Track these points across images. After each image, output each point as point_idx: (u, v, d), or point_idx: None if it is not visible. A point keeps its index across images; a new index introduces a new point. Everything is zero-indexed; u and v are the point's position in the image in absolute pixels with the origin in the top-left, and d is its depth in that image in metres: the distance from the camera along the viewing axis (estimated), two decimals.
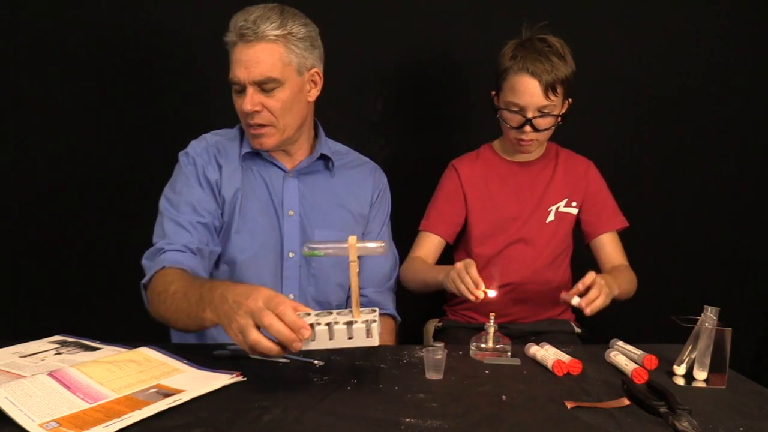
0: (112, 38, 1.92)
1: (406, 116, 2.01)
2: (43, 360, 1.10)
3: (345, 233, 1.43)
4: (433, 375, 1.06)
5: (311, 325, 0.92)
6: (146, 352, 1.10)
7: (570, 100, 1.58)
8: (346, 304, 1.52)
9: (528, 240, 1.64)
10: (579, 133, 1.77)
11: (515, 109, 1.53)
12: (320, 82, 1.43)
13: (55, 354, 1.14)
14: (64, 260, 1.98)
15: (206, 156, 1.42)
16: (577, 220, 1.69)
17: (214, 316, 1.01)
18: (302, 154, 1.48)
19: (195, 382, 0.99)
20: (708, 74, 2.00)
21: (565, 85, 1.52)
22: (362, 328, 0.92)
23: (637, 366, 1.09)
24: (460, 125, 2.02)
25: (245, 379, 1.03)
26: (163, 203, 1.39)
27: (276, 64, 1.33)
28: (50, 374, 0.95)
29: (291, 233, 1.43)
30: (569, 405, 0.95)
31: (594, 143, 1.87)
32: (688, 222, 2.06)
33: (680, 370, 1.11)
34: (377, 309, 0.97)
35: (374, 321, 0.93)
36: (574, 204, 1.67)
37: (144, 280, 1.28)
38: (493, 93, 1.63)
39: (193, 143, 1.45)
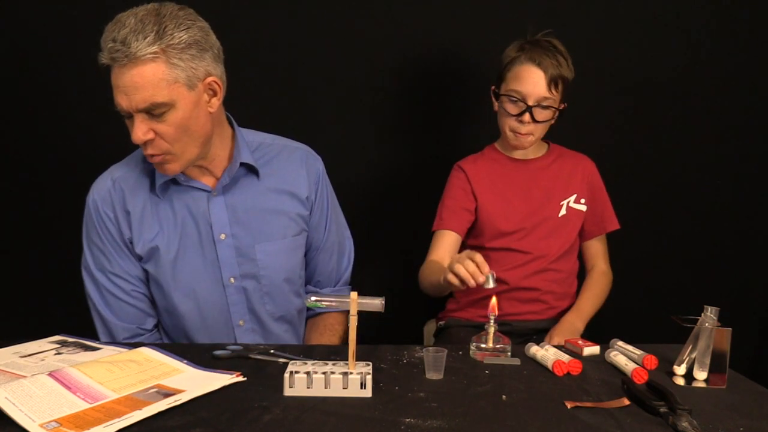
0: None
1: (409, 118, 2.00)
2: (43, 360, 1.10)
3: (287, 241, 1.38)
4: (433, 375, 1.06)
5: (307, 373, 0.97)
6: (146, 352, 1.10)
7: (565, 104, 1.61)
8: (306, 311, 1.51)
9: (540, 235, 1.63)
10: (576, 130, 1.77)
11: (517, 96, 1.55)
12: (221, 89, 1.24)
13: (55, 354, 1.14)
14: (64, 260, 1.97)
15: (110, 205, 1.29)
16: None
17: None
18: (221, 163, 1.32)
19: (195, 382, 0.99)
20: (707, 72, 1.99)
21: (565, 84, 1.57)
22: (357, 380, 0.97)
23: (637, 366, 1.09)
24: (465, 127, 2.01)
25: (245, 379, 1.03)
26: (90, 288, 1.33)
27: (159, 86, 1.14)
28: (50, 374, 0.95)
29: (227, 258, 1.32)
30: (569, 405, 0.95)
31: (593, 142, 1.87)
32: (687, 221, 2.05)
33: (680, 370, 1.11)
34: (371, 363, 1.01)
35: (368, 374, 0.98)
36: (582, 201, 1.68)
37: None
38: (493, 87, 1.64)
39: (95, 187, 1.31)
